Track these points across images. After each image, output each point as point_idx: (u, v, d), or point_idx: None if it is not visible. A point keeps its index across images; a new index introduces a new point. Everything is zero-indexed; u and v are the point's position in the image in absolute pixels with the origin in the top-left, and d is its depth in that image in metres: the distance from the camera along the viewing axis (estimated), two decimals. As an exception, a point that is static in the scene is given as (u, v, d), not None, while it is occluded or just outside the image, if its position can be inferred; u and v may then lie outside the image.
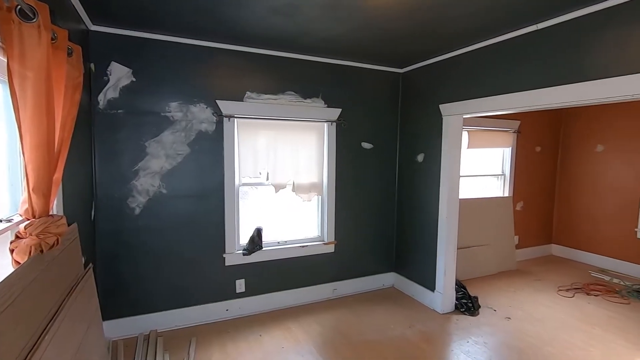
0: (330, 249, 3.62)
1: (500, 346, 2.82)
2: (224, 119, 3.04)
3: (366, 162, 3.75)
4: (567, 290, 3.92)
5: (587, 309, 3.48)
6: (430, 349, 2.77)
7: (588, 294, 3.81)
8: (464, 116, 3.21)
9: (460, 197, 4.22)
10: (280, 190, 3.36)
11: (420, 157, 3.61)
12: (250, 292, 3.29)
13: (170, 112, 2.87)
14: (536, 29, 2.47)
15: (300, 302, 3.52)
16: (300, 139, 3.42)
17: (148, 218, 2.86)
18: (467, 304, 3.37)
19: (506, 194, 4.82)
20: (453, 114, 3.19)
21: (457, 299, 3.43)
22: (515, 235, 4.86)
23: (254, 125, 3.21)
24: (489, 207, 4.53)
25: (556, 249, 5.25)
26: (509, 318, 3.27)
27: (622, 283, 4.11)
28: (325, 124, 3.51)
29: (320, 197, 3.61)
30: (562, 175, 5.20)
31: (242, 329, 3.03)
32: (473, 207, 4.39)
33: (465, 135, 4.31)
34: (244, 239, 3.28)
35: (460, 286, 3.54)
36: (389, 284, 4.01)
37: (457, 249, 4.01)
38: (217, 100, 3.00)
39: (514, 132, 4.72)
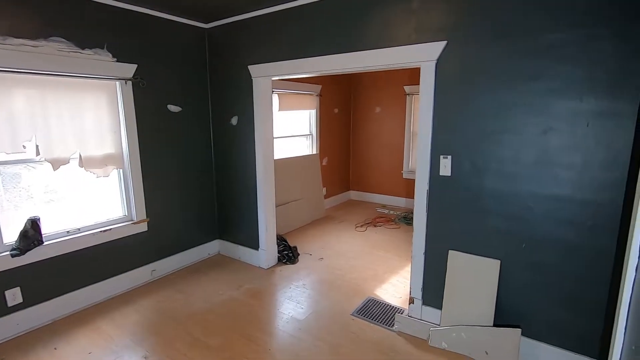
0: (142, 227, 3.20)
1: (316, 283, 3.26)
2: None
3: (176, 126, 3.39)
4: (361, 226, 4.87)
5: (374, 237, 4.44)
6: (258, 302, 2.93)
7: (375, 226, 4.85)
8: (273, 78, 3.30)
9: (275, 157, 4.47)
10: (62, 166, 2.65)
11: (234, 120, 3.54)
12: (32, 300, 2.56)
13: None
14: (326, -2, 2.69)
15: (113, 293, 3.03)
16: (84, 101, 2.73)
17: None
18: (288, 255, 3.71)
19: (314, 152, 5.41)
20: (262, 75, 3.22)
21: (279, 252, 3.72)
22: (323, 187, 5.60)
23: (2, 81, 2.33)
24: (301, 164, 5.00)
25: (353, 194, 6.39)
26: (322, 258, 3.81)
27: (395, 213, 5.43)
28: (118, 83, 2.92)
29: (121, 170, 3.06)
30: (354, 132, 6.23)
31: (26, 348, 2.36)
32: (287, 166, 4.73)
33: (275, 98, 4.49)
34: (11, 235, 2.48)
35: (281, 240, 3.84)
36: (215, 252, 3.95)
37: (276, 206, 4.29)
38: None
39: (317, 95, 5.25)
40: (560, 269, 2.04)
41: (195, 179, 3.65)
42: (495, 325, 2.23)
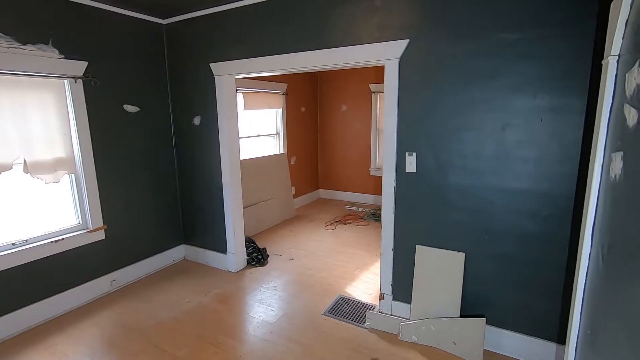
0: (99, 235, 3.00)
1: (287, 284, 3.22)
2: None
3: (134, 128, 3.21)
4: (331, 224, 4.88)
5: (344, 235, 4.46)
6: (227, 308, 2.84)
7: (344, 224, 4.87)
8: (236, 77, 3.21)
9: (242, 157, 4.37)
10: (3, 172, 2.42)
11: (197, 120, 3.41)
12: (-27, 321, 2.33)
13: None
14: (289, -6, 2.65)
15: (69, 307, 2.82)
16: (28, 101, 2.51)
17: None
18: (257, 257, 3.63)
19: (282, 151, 5.35)
20: (225, 74, 3.12)
21: (248, 254, 3.63)
22: (292, 186, 5.55)
23: None
24: (269, 164, 4.92)
25: (322, 193, 6.39)
26: (292, 259, 3.77)
27: (364, 210, 5.48)
28: (67, 81, 2.71)
29: (73, 175, 2.86)
30: (321, 131, 6.22)
31: (-34, 374, 2.15)
32: (255, 166, 4.64)
33: (240, 96, 4.38)
34: (-54, 250, 2.23)
35: (250, 242, 3.75)
36: (180, 257, 3.79)
37: (244, 208, 4.20)
38: None
39: (283, 94, 5.19)
40: (520, 258, 2.14)
41: (157, 183, 3.48)
42: (462, 315, 2.30)
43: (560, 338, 2.09)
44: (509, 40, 1.97)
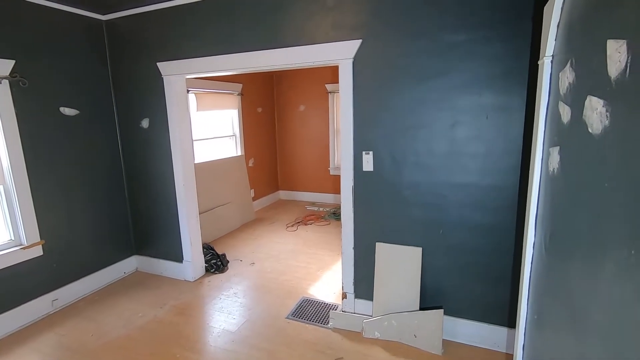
0: (36, 252, 2.72)
1: (248, 290, 3.13)
2: None
3: (73, 132, 2.96)
4: (292, 225, 4.83)
5: (306, 235, 4.44)
6: (185, 319, 2.70)
7: (306, 224, 4.85)
8: (187, 77, 3.06)
9: (196, 161, 4.20)
10: None
11: (145, 123, 3.21)
12: None
13: None
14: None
15: (3, 333, 2.53)
16: (-60, 103, 2.21)
17: None
18: (216, 263, 3.50)
19: (239, 153, 5.21)
20: (174, 73, 2.97)
21: (206, 261, 3.49)
22: (251, 188, 5.43)
23: None
24: (226, 167, 4.77)
25: (283, 194, 6.32)
26: (253, 263, 3.68)
27: (324, 210, 5.50)
28: (-11, 82, 2.43)
29: (1, 186, 2.57)
30: (280, 131, 6.15)
31: None
32: (211, 170, 4.48)
33: (193, 97, 4.20)
34: None
35: (208, 249, 3.61)
36: (132, 269, 3.56)
37: (201, 213, 4.03)
38: None
39: (238, 94, 5.05)
40: (473, 248, 2.24)
41: (103, 191, 3.23)
42: (421, 308, 2.37)
43: (510, 323, 2.22)
44: (455, 41, 2.05)
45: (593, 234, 0.85)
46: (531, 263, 1.40)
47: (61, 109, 2.86)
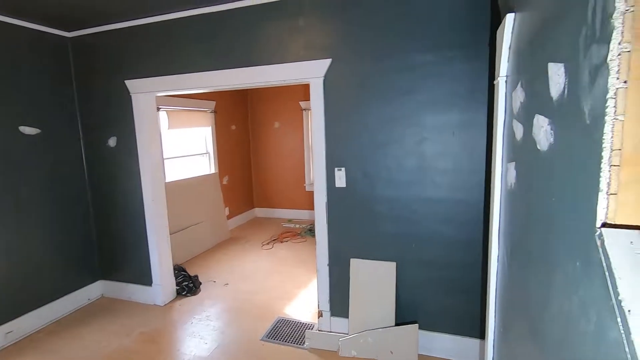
0: (-11, 280, 2.54)
1: (221, 312, 3.03)
2: None
3: (34, 152, 2.82)
4: (268, 243, 4.76)
5: (281, 254, 4.37)
6: (154, 347, 2.57)
7: (282, 242, 4.79)
8: (157, 94, 3.01)
9: (168, 179, 4.10)
10: None
11: (112, 142, 3.11)
12: None
13: None
14: (220, 9, 2.56)
15: (-58, 374, 2.31)
16: None
17: None
18: (188, 286, 3.38)
19: (213, 171, 5.13)
20: (143, 91, 2.92)
21: (177, 284, 3.36)
22: (226, 206, 5.33)
23: None
24: (199, 185, 4.67)
25: (258, 212, 6.24)
26: (227, 284, 3.57)
27: (300, 226, 5.46)
28: (-60, 101, 2.30)
29: (-49, 211, 2.40)
30: (254, 148, 6.12)
31: None
32: (183, 188, 4.37)
33: (164, 115, 4.13)
34: None
35: (180, 270, 3.48)
36: (98, 295, 3.37)
37: (171, 234, 3.90)
38: None
39: (211, 112, 5.02)
40: (444, 262, 2.27)
41: (64, 213, 3.07)
42: (397, 324, 2.36)
43: (482, 334, 2.25)
44: (420, 61, 2.14)
45: (545, 247, 0.88)
46: (497, 276, 1.44)
47: (21, 127, 2.74)
